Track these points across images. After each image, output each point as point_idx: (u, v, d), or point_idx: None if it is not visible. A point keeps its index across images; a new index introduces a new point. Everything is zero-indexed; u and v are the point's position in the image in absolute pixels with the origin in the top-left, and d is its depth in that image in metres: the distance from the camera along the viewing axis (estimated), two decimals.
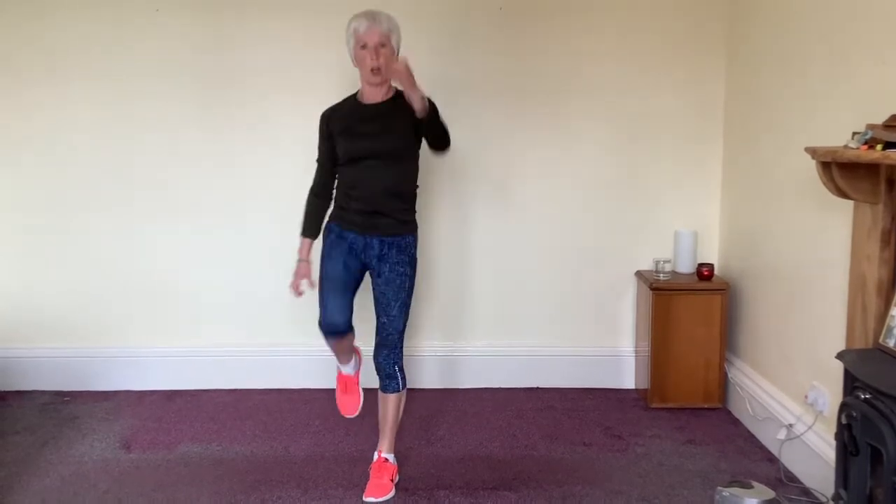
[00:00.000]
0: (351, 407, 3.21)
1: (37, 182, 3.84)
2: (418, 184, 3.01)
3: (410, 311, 2.99)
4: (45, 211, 3.86)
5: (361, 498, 2.83)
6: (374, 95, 2.92)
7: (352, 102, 2.97)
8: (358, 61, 2.89)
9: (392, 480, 2.91)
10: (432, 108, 2.79)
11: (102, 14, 3.72)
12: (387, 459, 2.96)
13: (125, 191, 3.85)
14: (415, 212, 3.00)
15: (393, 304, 2.90)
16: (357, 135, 2.88)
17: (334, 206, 3.01)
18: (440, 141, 2.88)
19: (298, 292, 3.05)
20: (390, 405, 2.98)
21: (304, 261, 3.06)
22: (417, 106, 2.72)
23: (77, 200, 3.85)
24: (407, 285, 2.93)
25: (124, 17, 3.73)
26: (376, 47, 2.83)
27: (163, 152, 3.82)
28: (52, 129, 3.80)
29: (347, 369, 3.18)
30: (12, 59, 3.75)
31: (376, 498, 2.82)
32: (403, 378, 2.98)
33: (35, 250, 3.89)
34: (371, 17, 2.86)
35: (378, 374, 2.98)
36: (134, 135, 3.81)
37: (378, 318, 2.95)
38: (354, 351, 3.17)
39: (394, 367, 2.96)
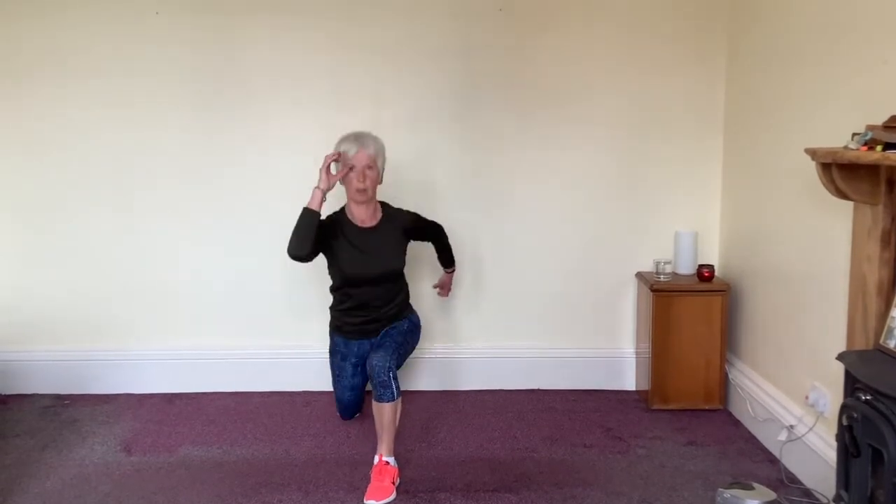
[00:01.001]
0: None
1: (37, 184, 3.84)
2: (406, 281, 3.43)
3: (406, 358, 3.34)
4: (45, 212, 3.86)
5: (363, 501, 2.82)
6: (365, 217, 3.26)
7: (347, 222, 3.27)
8: (344, 180, 3.19)
9: (393, 483, 2.90)
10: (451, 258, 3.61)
11: (103, 16, 3.72)
12: (387, 462, 2.96)
13: (126, 193, 3.85)
14: (408, 303, 3.45)
15: (392, 340, 3.22)
16: (356, 261, 3.22)
17: (332, 318, 3.43)
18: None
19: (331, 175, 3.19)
20: (385, 414, 2.99)
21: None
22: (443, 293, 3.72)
23: (77, 202, 3.85)
24: (407, 340, 3.30)
25: (124, 19, 3.73)
26: (363, 170, 3.14)
27: (163, 154, 3.82)
28: (52, 130, 3.80)
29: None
30: (12, 60, 3.75)
31: (377, 501, 2.82)
32: (397, 386, 3.01)
33: (35, 252, 3.89)
34: (360, 141, 3.16)
35: (371, 381, 3.02)
36: (134, 136, 3.81)
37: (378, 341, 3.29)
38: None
39: (388, 372, 2.98)
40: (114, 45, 3.75)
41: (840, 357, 2.31)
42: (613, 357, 3.96)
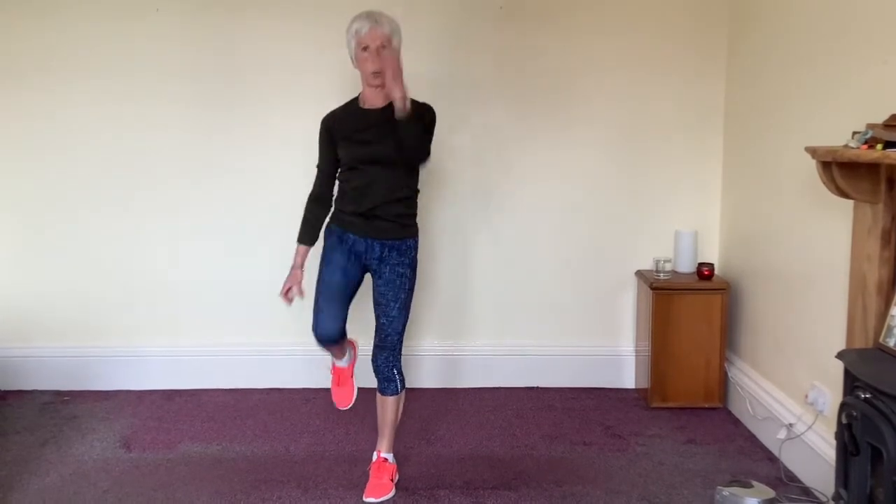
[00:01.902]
0: (345, 399, 3.20)
1: (36, 182, 3.84)
2: (419, 188, 2.99)
3: (410, 313, 2.98)
4: (45, 210, 3.86)
5: (362, 498, 2.83)
6: (376, 100, 2.88)
7: (353, 107, 2.94)
8: (359, 63, 2.85)
9: (392, 480, 2.90)
10: (418, 116, 2.77)
11: (102, 14, 3.72)
12: (386, 459, 2.95)
13: (125, 190, 3.85)
14: (416, 216, 2.99)
15: (392, 304, 2.89)
16: (358, 141, 2.86)
17: (335, 209, 3.00)
18: (415, 152, 2.84)
19: (288, 299, 3.02)
20: (388, 407, 2.97)
21: (297, 268, 3.03)
22: (397, 102, 2.67)
23: (77, 200, 3.85)
24: (407, 287, 2.91)
25: (124, 17, 3.73)
26: (378, 49, 2.79)
27: (162, 152, 3.82)
28: (52, 129, 3.80)
29: (341, 362, 3.18)
30: (11, 59, 3.75)
31: (376, 498, 2.82)
32: (402, 380, 2.98)
33: (34, 250, 3.89)
34: (373, 18, 2.81)
35: (376, 376, 2.97)
36: (134, 134, 3.81)
37: (377, 319, 2.93)
38: (349, 344, 3.16)
39: (392, 370, 2.95)
40: (114, 44, 3.74)
41: (839, 356, 2.31)
42: (613, 355, 3.97)
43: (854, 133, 2.31)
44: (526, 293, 3.95)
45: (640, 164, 3.86)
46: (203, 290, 3.92)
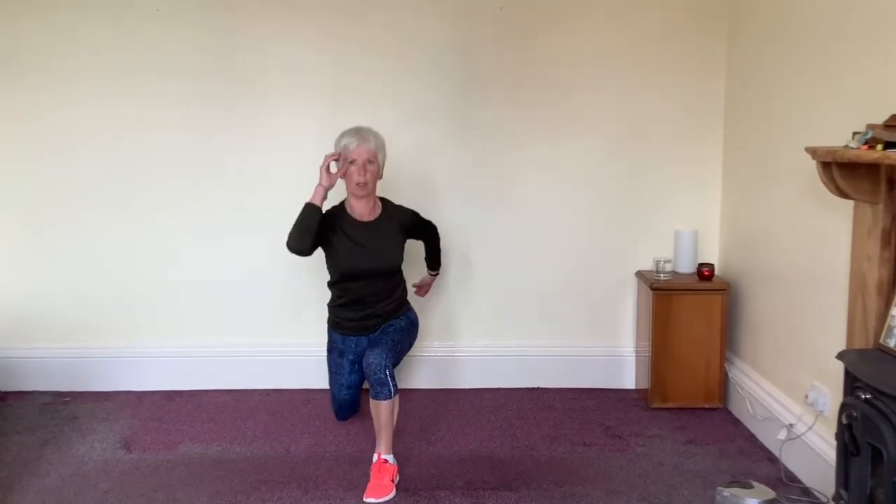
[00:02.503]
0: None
1: (37, 182, 3.84)
2: (403, 277, 3.41)
3: (403, 356, 3.33)
4: (46, 210, 3.86)
5: (362, 499, 2.82)
6: (364, 212, 3.25)
7: (346, 216, 3.27)
8: (345, 175, 3.19)
9: (392, 481, 2.91)
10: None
11: (102, 14, 3.72)
12: (386, 461, 2.96)
13: (126, 191, 3.85)
14: (405, 297, 3.42)
15: (390, 336, 3.23)
16: (353, 255, 3.21)
17: (330, 314, 3.41)
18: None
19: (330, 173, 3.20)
20: (383, 411, 3.00)
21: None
22: (419, 294, 3.64)
23: (78, 200, 3.85)
24: (403, 338, 3.29)
25: (124, 17, 3.73)
26: (364, 164, 3.14)
27: (163, 152, 3.82)
28: (53, 129, 3.80)
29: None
30: (12, 59, 3.75)
31: (377, 498, 2.82)
32: (394, 384, 3.01)
33: (35, 250, 3.89)
34: (361, 136, 3.16)
35: (368, 378, 3.03)
36: (134, 134, 3.81)
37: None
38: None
39: (384, 370, 3.00)
40: (114, 43, 3.74)
41: (840, 356, 2.31)
42: (613, 356, 3.96)
43: (854, 133, 2.31)
44: (526, 294, 3.95)
45: (641, 165, 3.86)
46: (204, 290, 3.92)
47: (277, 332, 3.94)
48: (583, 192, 3.88)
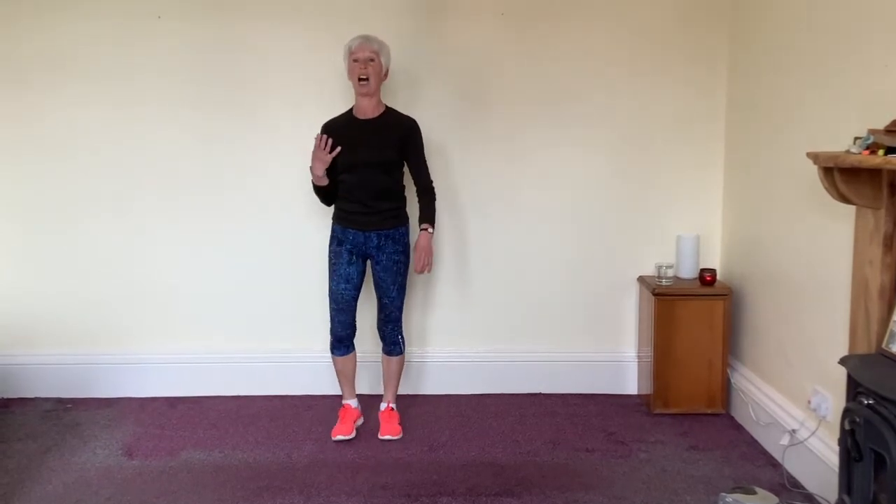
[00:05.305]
0: (342, 431, 3.46)
1: (39, 187, 3.85)
2: (404, 184, 3.43)
3: (407, 290, 3.47)
4: (47, 216, 3.87)
5: (365, 496, 2.82)
6: (367, 110, 3.36)
7: (348, 117, 3.41)
8: (349, 73, 3.34)
9: (399, 424, 3.42)
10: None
11: (104, 19, 3.73)
12: (393, 408, 3.49)
13: (128, 196, 3.86)
14: (405, 207, 3.44)
15: (392, 286, 3.38)
16: (354, 147, 3.29)
17: (335, 209, 3.44)
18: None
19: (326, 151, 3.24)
20: (393, 365, 3.51)
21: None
22: (417, 270, 3.39)
23: (79, 205, 3.86)
24: (402, 271, 3.41)
25: (126, 22, 3.74)
26: (365, 61, 3.28)
27: (165, 157, 3.83)
28: (54, 133, 3.81)
29: (354, 402, 3.54)
30: (14, 62, 3.77)
31: (393, 436, 3.36)
32: (403, 343, 3.50)
33: (37, 256, 3.89)
34: (364, 37, 3.33)
35: (382, 341, 3.48)
36: (136, 139, 3.82)
37: (380, 300, 3.43)
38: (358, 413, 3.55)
39: (397, 336, 3.47)
40: (115, 49, 3.75)
41: (842, 361, 2.31)
42: (615, 361, 3.96)
43: (856, 138, 2.31)
44: (527, 299, 3.95)
45: (642, 170, 3.86)
46: (206, 297, 3.92)
47: (280, 338, 3.94)
48: (584, 196, 3.88)
